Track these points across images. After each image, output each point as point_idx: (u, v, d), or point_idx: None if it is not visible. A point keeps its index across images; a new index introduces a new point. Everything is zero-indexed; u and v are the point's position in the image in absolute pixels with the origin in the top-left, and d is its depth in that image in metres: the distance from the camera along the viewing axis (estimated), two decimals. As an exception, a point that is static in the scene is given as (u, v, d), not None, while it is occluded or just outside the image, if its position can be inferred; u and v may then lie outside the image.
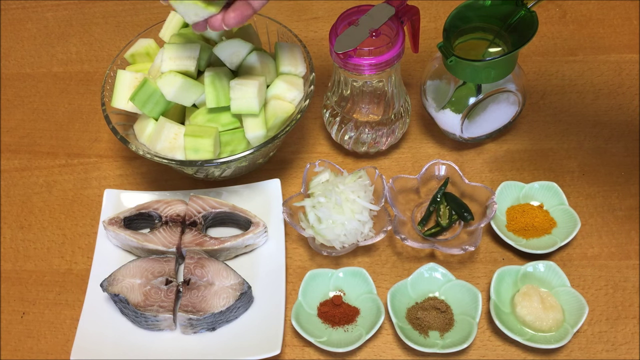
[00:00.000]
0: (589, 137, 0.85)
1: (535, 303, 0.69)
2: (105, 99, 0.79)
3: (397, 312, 0.70)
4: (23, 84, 0.99)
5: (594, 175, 0.82)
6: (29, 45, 1.04)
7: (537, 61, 0.93)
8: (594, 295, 0.73)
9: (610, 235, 0.77)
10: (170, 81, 0.74)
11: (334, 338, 0.70)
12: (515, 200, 0.79)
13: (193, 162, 0.74)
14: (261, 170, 0.85)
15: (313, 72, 0.80)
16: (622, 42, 0.95)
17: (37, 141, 0.92)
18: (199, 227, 0.77)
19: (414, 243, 0.72)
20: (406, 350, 0.70)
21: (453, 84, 0.78)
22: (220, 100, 0.76)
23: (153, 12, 1.06)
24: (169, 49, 0.76)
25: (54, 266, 0.80)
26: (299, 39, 0.83)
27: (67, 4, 1.09)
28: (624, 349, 0.69)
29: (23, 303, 0.77)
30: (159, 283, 0.72)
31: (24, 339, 0.74)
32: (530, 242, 0.75)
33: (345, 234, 0.73)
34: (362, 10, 0.74)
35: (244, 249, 0.77)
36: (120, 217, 0.77)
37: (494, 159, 0.84)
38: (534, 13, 0.73)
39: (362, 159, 0.85)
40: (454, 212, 0.77)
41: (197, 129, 0.74)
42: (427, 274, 0.73)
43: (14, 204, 0.86)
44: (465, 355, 0.70)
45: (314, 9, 1.04)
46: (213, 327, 0.71)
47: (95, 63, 1.00)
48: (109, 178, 0.87)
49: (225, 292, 0.71)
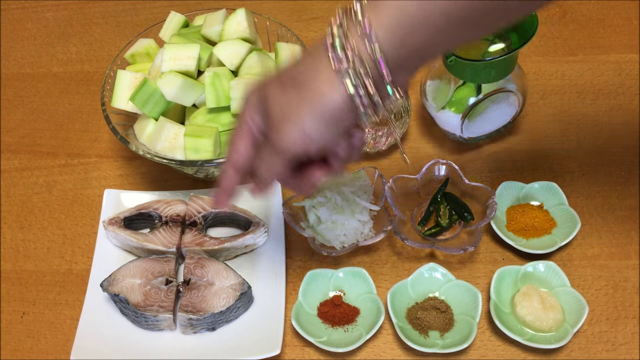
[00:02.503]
0: (589, 137, 0.85)
1: (535, 303, 0.69)
2: (105, 99, 0.79)
3: (397, 312, 0.70)
4: (23, 84, 0.99)
5: (594, 175, 0.82)
6: (29, 45, 1.04)
7: (537, 61, 0.93)
8: (594, 295, 0.73)
9: (610, 235, 0.77)
10: (170, 81, 0.74)
11: (334, 338, 0.70)
12: (515, 200, 0.79)
13: (193, 162, 0.74)
14: (261, 170, 0.85)
15: (313, 72, 0.80)
16: (622, 42, 0.95)
17: (37, 141, 0.92)
18: (199, 227, 0.77)
19: (414, 243, 0.72)
20: (406, 350, 0.70)
21: (453, 84, 0.78)
22: (220, 100, 0.76)
23: (153, 12, 1.06)
24: (169, 49, 0.76)
25: (54, 266, 0.80)
26: (299, 39, 0.83)
27: (67, 4, 1.09)
28: (624, 349, 0.69)
29: (23, 303, 0.77)
30: (159, 283, 0.72)
31: (24, 339, 0.74)
32: (530, 242, 0.75)
33: (345, 234, 0.73)
34: (362, 10, 0.74)
35: (244, 249, 0.77)
36: (120, 217, 0.77)
37: (494, 159, 0.84)
38: (534, 13, 0.73)
39: (362, 159, 0.85)
40: (454, 212, 0.77)
41: (197, 129, 0.74)
42: (427, 274, 0.73)
43: (14, 204, 0.86)
44: (465, 355, 0.70)
45: (314, 9, 1.04)
46: (213, 327, 0.71)
47: (95, 63, 1.00)
48: (109, 178, 0.87)
49: (225, 292, 0.71)
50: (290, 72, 0.52)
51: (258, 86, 0.55)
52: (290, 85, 0.50)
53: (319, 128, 0.50)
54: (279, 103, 0.51)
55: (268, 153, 0.54)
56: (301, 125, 0.50)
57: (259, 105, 0.53)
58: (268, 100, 0.52)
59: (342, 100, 0.49)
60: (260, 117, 0.54)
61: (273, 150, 0.53)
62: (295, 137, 0.51)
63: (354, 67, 0.48)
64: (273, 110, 0.52)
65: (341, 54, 0.48)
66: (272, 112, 0.52)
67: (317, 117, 0.50)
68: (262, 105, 0.53)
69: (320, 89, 0.49)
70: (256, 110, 0.54)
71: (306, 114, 0.50)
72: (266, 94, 0.53)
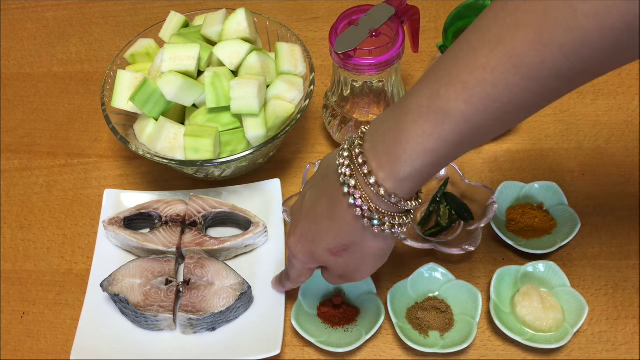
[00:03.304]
0: (589, 137, 0.85)
1: (535, 303, 0.69)
2: (105, 99, 0.79)
3: (397, 312, 0.70)
4: (23, 84, 0.99)
5: (594, 175, 0.82)
6: (29, 45, 1.04)
7: (537, 61, 0.93)
8: (594, 295, 0.73)
9: (610, 235, 0.77)
10: (170, 81, 0.74)
11: (334, 338, 0.70)
12: (515, 200, 0.79)
13: (193, 162, 0.73)
14: (261, 170, 0.85)
15: (313, 72, 0.80)
16: (622, 42, 0.94)
17: (37, 141, 0.92)
18: (199, 227, 0.77)
19: (414, 243, 0.72)
20: (406, 350, 0.70)
21: (453, 84, 0.78)
22: (220, 100, 0.76)
23: (153, 12, 1.06)
24: (169, 49, 0.76)
25: (54, 266, 0.80)
26: (299, 39, 0.83)
27: (67, 4, 1.09)
28: (624, 349, 0.69)
29: (23, 303, 0.77)
30: (159, 283, 0.72)
31: (24, 339, 0.74)
32: (530, 242, 0.75)
33: (345, 234, 0.73)
34: (362, 10, 0.74)
35: (244, 249, 0.77)
36: (120, 217, 0.77)
37: (494, 159, 0.84)
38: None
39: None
40: (454, 212, 0.77)
41: (197, 129, 0.74)
42: (427, 274, 0.73)
43: (14, 204, 0.86)
44: (465, 355, 0.70)
45: (314, 9, 1.04)
46: (213, 327, 0.71)
47: (95, 63, 1.00)
48: (109, 178, 0.87)
49: (225, 292, 0.71)
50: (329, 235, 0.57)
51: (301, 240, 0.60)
52: (342, 251, 0.57)
53: (380, 262, 0.60)
54: (342, 266, 0.59)
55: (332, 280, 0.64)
56: (369, 271, 0.61)
57: (314, 262, 0.61)
58: (329, 265, 0.60)
59: (389, 242, 0.57)
60: (315, 265, 0.62)
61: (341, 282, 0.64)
62: (365, 276, 0.62)
63: (382, 217, 0.53)
64: (338, 270, 0.61)
65: (367, 212, 0.53)
66: (338, 271, 0.61)
67: (377, 261, 0.60)
68: (317, 262, 0.61)
69: (368, 246, 0.56)
70: (311, 262, 0.61)
71: (370, 265, 0.60)
72: (320, 259, 0.60)
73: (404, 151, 0.49)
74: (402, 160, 0.49)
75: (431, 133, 0.47)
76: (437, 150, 0.48)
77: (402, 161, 0.49)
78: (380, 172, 0.50)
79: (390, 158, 0.49)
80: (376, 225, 0.53)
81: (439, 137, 0.47)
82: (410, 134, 0.48)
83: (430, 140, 0.47)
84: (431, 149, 0.48)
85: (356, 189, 0.52)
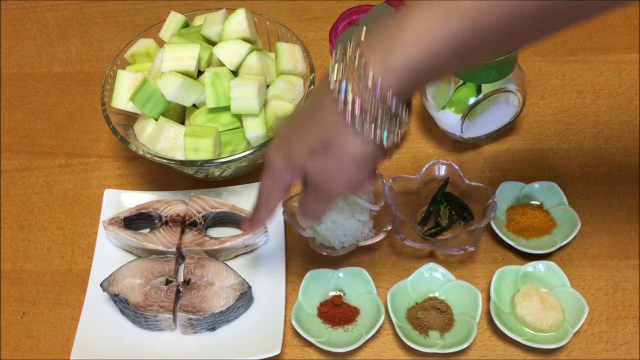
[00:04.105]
0: (589, 137, 0.85)
1: (535, 303, 0.69)
2: (105, 99, 0.79)
3: (397, 312, 0.70)
4: (23, 84, 0.99)
5: (594, 175, 0.82)
6: (29, 45, 1.04)
7: (537, 61, 0.93)
8: (594, 295, 0.73)
9: (610, 235, 0.77)
10: (170, 81, 0.74)
11: (334, 338, 0.70)
12: (515, 200, 0.79)
13: (193, 162, 0.74)
14: (261, 170, 0.85)
15: (313, 72, 0.80)
16: (622, 42, 0.95)
17: (37, 141, 0.92)
18: (199, 227, 0.77)
19: (414, 243, 0.72)
20: (406, 350, 0.70)
21: (453, 84, 0.78)
22: (220, 100, 0.76)
23: (153, 12, 1.06)
24: (169, 49, 0.76)
25: (54, 266, 0.80)
26: (299, 39, 0.83)
27: (67, 4, 1.09)
28: (624, 349, 0.69)
29: (23, 303, 0.77)
30: (159, 283, 0.72)
31: (24, 339, 0.74)
32: (530, 242, 0.75)
33: (345, 234, 0.73)
34: (362, 10, 0.74)
35: (244, 249, 0.77)
36: (120, 217, 0.77)
37: (494, 159, 0.84)
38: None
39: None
40: (454, 212, 0.77)
41: (197, 129, 0.74)
42: (427, 274, 0.73)
43: (14, 204, 0.86)
44: (465, 355, 0.70)
45: (314, 9, 1.04)
46: (213, 327, 0.71)
47: (95, 63, 1.00)
48: (109, 178, 0.87)
49: (225, 292, 0.71)
50: (310, 131, 0.55)
51: (280, 144, 0.58)
52: (321, 150, 0.54)
53: (359, 173, 0.56)
54: (318, 172, 0.56)
55: (313, 200, 0.59)
56: (345, 179, 0.56)
57: (292, 170, 0.58)
58: (306, 171, 0.57)
59: (370, 147, 0.54)
60: (291, 176, 0.59)
61: (319, 197, 0.59)
62: (342, 188, 0.57)
63: (366, 114, 0.51)
64: (314, 177, 0.57)
65: (350, 106, 0.51)
66: (314, 179, 0.57)
67: (355, 168, 0.56)
68: (293, 169, 0.58)
69: (347, 148, 0.54)
70: (287, 171, 0.58)
71: (347, 171, 0.55)
72: (297, 162, 0.57)
73: (401, 41, 0.48)
74: (395, 49, 0.48)
75: (433, 28, 0.47)
76: (434, 48, 0.47)
77: (396, 49, 0.48)
78: (372, 59, 0.49)
79: (386, 47, 0.49)
80: (357, 121, 0.51)
81: (441, 33, 0.46)
82: (412, 23, 0.47)
83: (430, 36, 0.47)
84: (426, 45, 0.47)
85: (347, 82, 0.50)
